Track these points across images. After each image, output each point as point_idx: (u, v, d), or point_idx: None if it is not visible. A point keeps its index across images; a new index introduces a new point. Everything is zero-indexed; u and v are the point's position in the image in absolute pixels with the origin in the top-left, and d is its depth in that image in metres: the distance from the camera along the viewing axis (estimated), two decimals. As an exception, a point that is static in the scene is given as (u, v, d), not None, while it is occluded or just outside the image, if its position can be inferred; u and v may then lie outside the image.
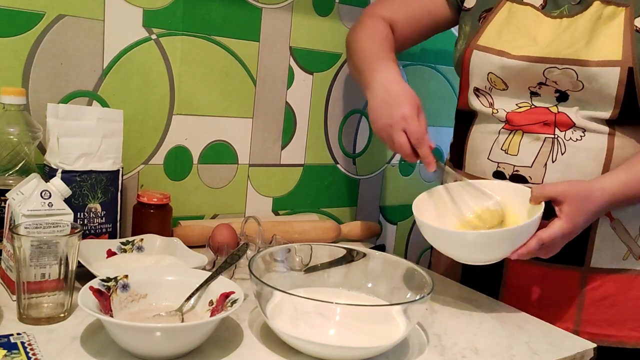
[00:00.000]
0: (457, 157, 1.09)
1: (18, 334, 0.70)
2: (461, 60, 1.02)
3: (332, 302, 0.72)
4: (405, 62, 1.49)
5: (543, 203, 0.87)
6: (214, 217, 1.27)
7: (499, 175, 0.99)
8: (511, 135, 0.97)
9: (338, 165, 1.44)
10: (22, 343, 0.68)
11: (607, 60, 0.89)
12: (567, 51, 0.92)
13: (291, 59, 1.30)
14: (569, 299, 0.98)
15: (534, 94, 0.95)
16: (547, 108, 0.95)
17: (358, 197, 1.50)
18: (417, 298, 0.77)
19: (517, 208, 0.92)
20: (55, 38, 1.02)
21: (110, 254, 0.95)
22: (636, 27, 0.90)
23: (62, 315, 0.76)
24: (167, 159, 1.19)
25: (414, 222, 1.63)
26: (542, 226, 0.86)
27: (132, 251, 0.97)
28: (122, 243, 0.97)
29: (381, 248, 1.20)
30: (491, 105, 0.99)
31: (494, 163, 0.99)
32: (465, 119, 1.06)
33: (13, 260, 0.76)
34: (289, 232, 1.19)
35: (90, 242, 0.94)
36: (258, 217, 1.09)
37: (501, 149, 0.98)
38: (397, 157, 1.55)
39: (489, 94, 0.99)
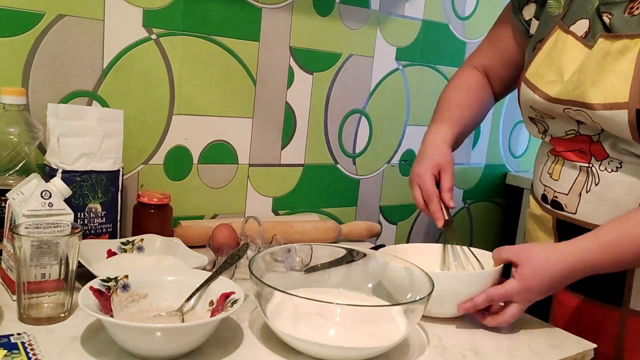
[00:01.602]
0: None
1: (18, 334, 0.70)
2: (517, 91, 1.01)
3: (332, 303, 0.72)
4: (405, 62, 1.49)
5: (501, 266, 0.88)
6: (214, 217, 1.27)
7: (544, 198, 0.98)
8: (555, 161, 0.96)
9: (338, 165, 1.44)
10: (23, 343, 0.68)
11: (613, 102, 0.82)
12: (575, 93, 0.87)
13: (291, 58, 1.30)
14: (606, 339, 0.93)
15: (580, 122, 0.90)
16: (590, 137, 0.90)
17: (358, 197, 1.50)
18: (417, 298, 0.77)
19: None
20: (55, 38, 1.02)
21: (111, 254, 0.95)
22: None
23: (62, 315, 0.76)
24: (167, 159, 1.19)
25: (414, 222, 1.63)
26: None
27: (132, 251, 0.97)
28: (122, 243, 0.97)
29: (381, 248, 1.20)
30: (545, 131, 0.98)
31: (542, 186, 0.98)
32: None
33: (13, 260, 0.76)
34: (289, 233, 1.19)
35: (91, 242, 0.94)
36: (258, 217, 1.09)
37: (547, 173, 0.97)
38: (397, 157, 1.55)
39: (543, 121, 0.97)
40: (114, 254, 0.95)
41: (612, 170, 0.88)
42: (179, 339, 0.68)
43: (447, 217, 0.96)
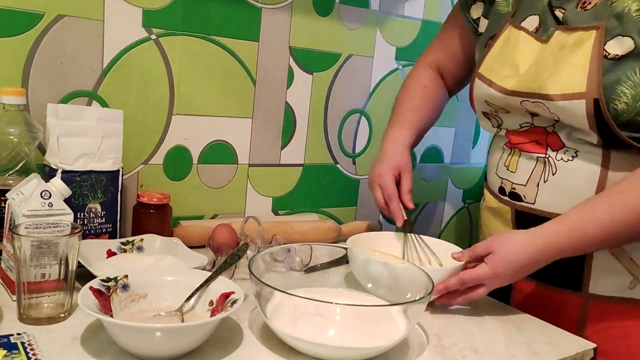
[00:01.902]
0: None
1: (18, 334, 0.70)
2: (470, 87, 1.04)
3: (332, 302, 0.72)
4: (405, 62, 1.49)
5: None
6: (213, 217, 1.27)
7: (501, 191, 1.00)
8: (511, 153, 0.98)
9: (338, 165, 1.44)
10: (22, 343, 0.68)
11: (571, 93, 0.84)
12: (532, 85, 0.89)
13: (291, 58, 1.30)
14: (569, 323, 0.94)
15: (534, 114, 0.93)
16: (544, 128, 0.93)
17: (358, 197, 1.50)
18: (417, 298, 0.77)
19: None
20: (55, 38, 1.02)
21: (110, 254, 0.95)
22: (606, 52, 0.83)
23: (62, 315, 0.76)
24: (167, 159, 1.19)
25: (413, 221, 1.63)
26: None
27: (132, 251, 0.97)
28: (122, 243, 0.97)
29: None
30: (499, 125, 1.00)
31: (499, 178, 1.01)
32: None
33: (13, 260, 0.76)
34: (289, 233, 1.19)
35: (90, 242, 0.94)
36: (258, 217, 1.09)
37: (504, 165, 0.99)
38: (397, 157, 1.55)
39: (497, 116, 0.99)
40: (114, 254, 0.95)
41: (568, 160, 0.90)
42: (179, 339, 0.68)
43: (406, 217, 1.01)
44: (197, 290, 0.78)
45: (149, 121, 1.15)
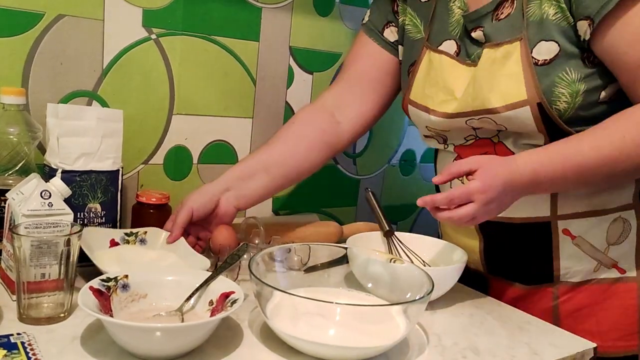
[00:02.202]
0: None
1: (18, 334, 0.70)
2: (405, 110, 1.05)
3: (332, 302, 0.72)
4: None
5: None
6: (213, 217, 1.27)
7: None
8: None
9: (338, 165, 1.44)
10: (22, 343, 0.68)
11: (514, 102, 0.87)
12: (475, 103, 0.91)
13: (291, 58, 1.30)
14: (544, 313, 0.98)
15: (476, 128, 0.95)
16: (490, 139, 0.95)
17: (358, 197, 1.50)
18: (417, 298, 0.77)
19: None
20: (55, 38, 1.02)
21: (113, 243, 0.95)
22: (534, 59, 0.86)
23: (62, 315, 0.76)
24: (167, 159, 1.19)
25: (414, 222, 1.63)
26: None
27: (134, 243, 0.97)
28: (126, 234, 0.97)
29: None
30: (445, 142, 1.01)
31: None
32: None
33: (13, 260, 0.76)
34: (290, 238, 1.18)
35: (94, 230, 0.94)
36: (258, 218, 1.09)
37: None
38: (397, 157, 1.55)
39: (439, 136, 1.01)
40: (117, 244, 0.95)
41: None
42: (179, 338, 0.68)
43: (388, 228, 1.03)
44: (197, 290, 0.78)
45: (149, 121, 1.15)
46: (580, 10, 0.82)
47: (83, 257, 0.83)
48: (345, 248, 0.92)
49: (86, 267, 0.85)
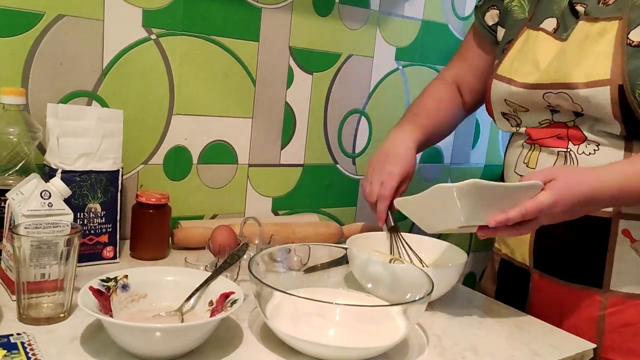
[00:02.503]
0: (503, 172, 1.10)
1: (18, 334, 0.70)
2: (486, 90, 1.03)
3: (332, 303, 0.72)
4: (405, 62, 1.49)
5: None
6: (213, 217, 1.27)
7: None
8: (531, 149, 0.97)
9: (338, 165, 1.44)
10: (22, 343, 0.68)
11: (595, 80, 0.86)
12: (556, 75, 0.90)
13: (291, 58, 1.30)
14: (588, 322, 0.94)
15: (554, 111, 0.94)
16: (565, 123, 0.93)
17: (358, 198, 1.50)
18: (417, 298, 0.77)
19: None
20: (55, 38, 1.02)
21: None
22: (630, 40, 0.85)
23: (62, 315, 0.76)
24: (167, 159, 1.19)
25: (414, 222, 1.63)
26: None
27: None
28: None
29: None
30: (518, 125, 1.00)
31: (518, 177, 0.99)
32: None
33: (13, 260, 0.76)
34: (291, 239, 1.18)
35: None
36: (258, 218, 1.09)
37: (523, 162, 0.98)
38: (397, 157, 1.55)
39: (516, 116, 0.99)
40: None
41: (590, 153, 0.90)
42: (179, 339, 0.68)
43: (393, 224, 1.02)
44: (197, 290, 0.78)
45: (149, 121, 1.15)
46: None
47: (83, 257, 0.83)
48: (345, 248, 0.92)
49: (86, 267, 0.85)
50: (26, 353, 0.66)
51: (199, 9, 1.16)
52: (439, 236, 1.14)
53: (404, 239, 1.04)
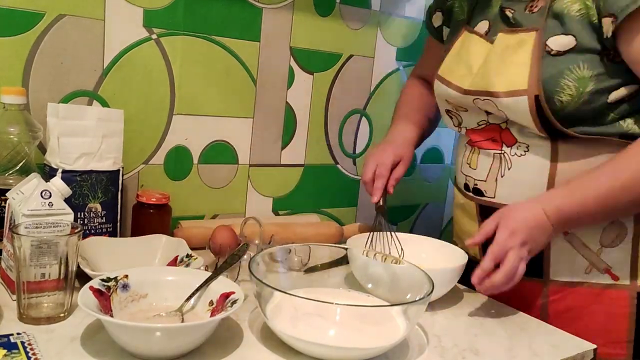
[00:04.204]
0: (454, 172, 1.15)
1: (18, 333, 0.70)
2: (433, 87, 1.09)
3: (332, 303, 0.72)
4: (406, 63, 1.49)
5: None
6: (214, 217, 1.27)
7: (466, 187, 1.04)
8: (472, 150, 1.02)
9: (338, 165, 1.44)
10: (22, 343, 0.68)
11: (514, 90, 0.90)
12: (482, 83, 0.94)
13: (291, 59, 1.30)
14: (533, 310, 0.99)
15: (488, 112, 0.98)
16: (499, 125, 0.97)
17: (358, 198, 1.49)
18: (417, 299, 0.77)
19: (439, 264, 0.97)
20: (56, 38, 1.02)
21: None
22: (547, 47, 0.88)
23: (62, 315, 0.76)
24: (167, 159, 1.19)
25: (414, 222, 1.63)
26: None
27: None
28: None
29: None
30: (459, 124, 1.05)
31: (463, 175, 1.05)
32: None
33: (13, 260, 0.76)
34: (291, 239, 1.18)
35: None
36: (258, 218, 1.09)
37: (467, 163, 1.03)
38: (398, 157, 1.55)
39: (457, 114, 1.04)
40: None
41: (521, 155, 0.95)
42: (179, 338, 0.68)
43: (382, 203, 1.04)
44: (197, 290, 0.78)
45: (149, 121, 1.15)
46: (607, 7, 0.84)
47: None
48: (346, 249, 0.92)
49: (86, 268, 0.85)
50: (26, 353, 0.66)
51: (200, 9, 1.16)
52: (440, 236, 1.14)
53: (387, 225, 1.03)
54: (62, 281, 0.75)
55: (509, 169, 0.96)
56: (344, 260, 0.92)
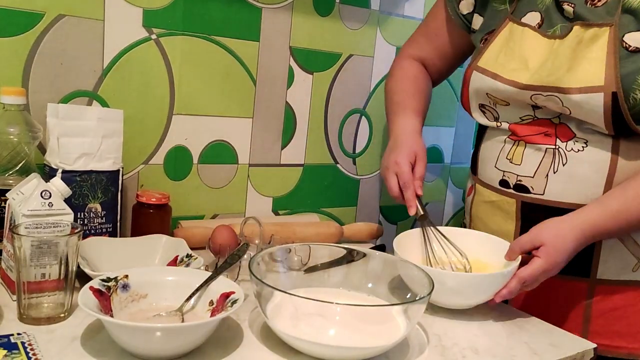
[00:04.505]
0: (473, 164, 1.12)
1: (18, 334, 0.70)
2: (463, 79, 1.04)
3: (332, 302, 0.72)
4: (405, 62, 1.48)
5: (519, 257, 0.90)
6: (214, 217, 1.27)
7: (504, 184, 1.00)
8: (515, 145, 0.98)
9: (338, 165, 1.44)
10: (22, 343, 0.68)
11: (589, 86, 0.87)
12: (549, 79, 0.91)
13: (291, 58, 1.30)
14: (575, 310, 0.97)
15: (536, 107, 0.95)
16: (550, 119, 0.94)
17: (358, 197, 1.49)
18: (417, 298, 0.77)
19: (491, 258, 0.95)
20: (55, 38, 1.02)
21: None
22: (624, 43, 0.86)
23: (62, 315, 0.76)
24: (167, 159, 1.19)
25: (414, 222, 1.63)
26: (522, 264, 0.88)
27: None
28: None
29: (381, 248, 1.20)
30: (496, 119, 1.01)
31: (499, 171, 1.01)
32: (480, 128, 1.10)
33: (13, 260, 0.76)
34: (291, 238, 1.18)
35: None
36: (258, 218, 1.09)
37: (506, 158, 0.99)
38: (397, 157, 1.55)
39: (494, 109, 1.00)
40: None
41: (578, 150, 0.92)
42: (179, 338, 0.68)
43: (422, 212, 0.99)
44: (197, 290, 0.78)
45: (149, 121, 1.15)
46: None
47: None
48: (346, 248, 0.92)
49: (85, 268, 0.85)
50: (26, 353, 0.66)
51: (199, 9, 1.16)
52: (465, 220, 1.12)
53: (437, 230, 0.99)
54: (62, 281, 0.75)
55: (563, 165, 0.93)
56: (344, 260, 0.92)
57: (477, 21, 1.07)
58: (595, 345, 0.86)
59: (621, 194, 0.88)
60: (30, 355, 0.66)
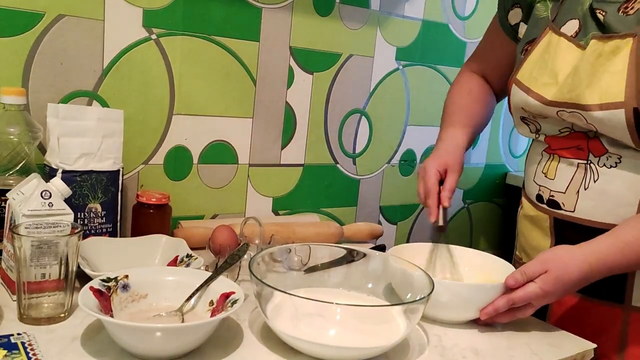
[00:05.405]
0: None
1: (18, 334, 0.70)
2: (507, 91, 1.01)
3: (332, 303, 0.72)
4: (405, 62, 1.49)
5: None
6: (214, 217, 1.27)
7: (539, 198, 0.97)
8: (550, 159, 0.95)
9: (338, 165, 1.44)
10: (23, 343, 0.68)
11: (609, 102, 0.82)
12: (570, 95, 0.86)
13: (291, 58, 1.30)
14: (610, 336, 0.92)
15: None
16: (585, 133, 0.89)
17: (358, 197, 1.50)
18: (417, 298, 0.77)
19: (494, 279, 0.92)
20: (55, 38, 1.02)
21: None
22: None
23: (62, 315, 0.76)
24: (167, 159, 1.19)
25: (414, 222, 1.63)
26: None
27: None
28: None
29: (381, 248, 1.20)
30: (537, 131, 0.97)
31: (536, 186, 0.97)
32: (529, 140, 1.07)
33: (13, 260, 0.76)
34: (291, 238, 1.18)
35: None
36: (258, 218, 1.09)
37: (542, 172, 0.96)
38: (397, 157, 1.55)
39: (535, 121, 0.96)
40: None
41: (611, 166, 0.87)
42: (179, 339, 0.68)
43: (442, 223, 0.96)
44: (197, 290, 0.78)
45: (149, 121, 1.15)
46: None
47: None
48: (346, 249, 0.92)
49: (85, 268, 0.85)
50: (26, 353, 0.66)
51: (199, 9, 1.16)
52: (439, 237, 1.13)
53: (447, 249, 1.00)
54: (62, 281, 0.75)
55: (595, 181, 0.88)
56: (343, 260, 0.92)
57: (522, 30, 1.03)
58: (595, 345, 0.86)
59: (636, 225, 0.83)
60: (30, 355, 0.66)
